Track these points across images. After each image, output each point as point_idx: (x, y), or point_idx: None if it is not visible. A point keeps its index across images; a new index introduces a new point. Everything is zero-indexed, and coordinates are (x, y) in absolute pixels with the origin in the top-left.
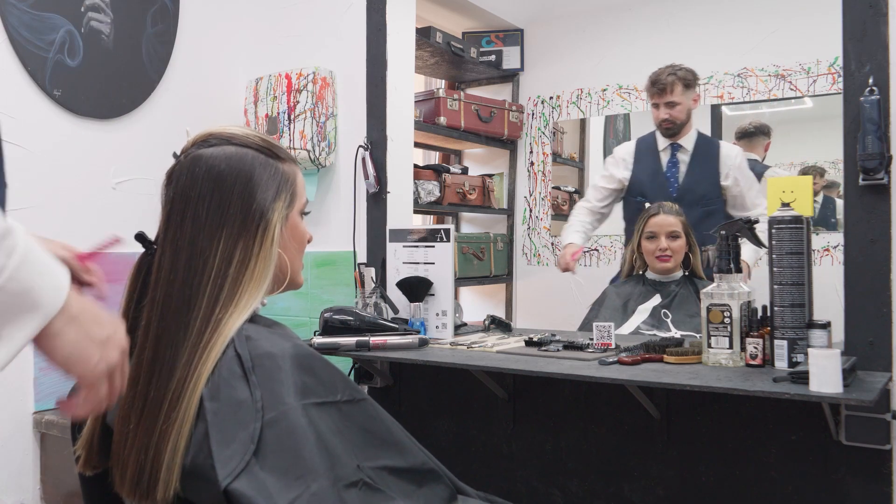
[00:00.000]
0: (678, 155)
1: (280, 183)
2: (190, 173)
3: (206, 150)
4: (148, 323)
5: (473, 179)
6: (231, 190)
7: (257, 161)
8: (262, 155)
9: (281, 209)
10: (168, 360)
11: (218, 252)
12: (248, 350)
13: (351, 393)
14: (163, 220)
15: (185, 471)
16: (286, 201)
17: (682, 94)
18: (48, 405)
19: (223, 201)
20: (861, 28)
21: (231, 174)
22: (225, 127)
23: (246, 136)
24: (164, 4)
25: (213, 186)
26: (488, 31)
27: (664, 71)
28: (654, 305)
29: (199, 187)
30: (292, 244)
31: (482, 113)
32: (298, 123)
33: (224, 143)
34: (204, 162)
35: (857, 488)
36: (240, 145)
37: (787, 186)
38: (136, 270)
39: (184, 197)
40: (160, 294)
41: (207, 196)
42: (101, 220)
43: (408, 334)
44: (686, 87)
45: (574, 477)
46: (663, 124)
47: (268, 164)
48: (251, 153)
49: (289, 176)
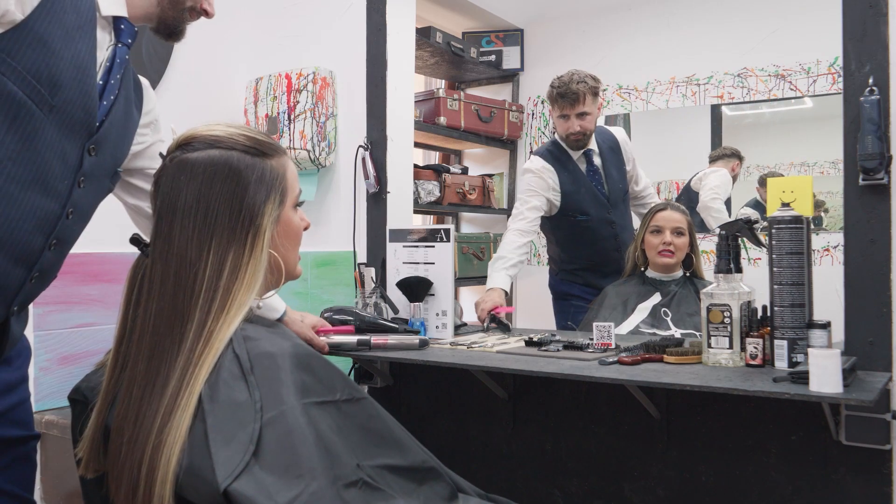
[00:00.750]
0: (594, 160)
1: (269, 183)
2: (174, 182)
3: (191, 154)
4: (141, 335)
5: (473, 179)
6: (218, 198)
7: (243, 163)
8: (247, 156)
9: (271, 211)
10: (162, 374)
11: (208, 263)
12: (247, 350)
13: (350, 392)
14: (153, 229)
15: (184, 472)
16: (276, 201)
17: (592, 104)
18: (48, 405)
19: (210, 211)
20: (861, 28)
21: (217, 181)
22: (209, 127)
23: (230, 136)
24: None
25: (199, 195)
26: (488, 31)
27: (572, 79)
28: (653, 304)
29: (185, 197)
30: (286, 241)
31: (482, 113)
32: (298, 123)
33: (208, 146)
34: (189, 168)
35: (857, 488)
36: (225, 148)
37: (787, 186)
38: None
39: (170, 207)
40: (152, 306)
41: (194, 206)
42: (101, 221)
43: (408, 334)
44: (594, 95)
45: (574, 477)
46: (572, 137)
47: (255, 166)
48: (236, 155)
49: (278, 172)
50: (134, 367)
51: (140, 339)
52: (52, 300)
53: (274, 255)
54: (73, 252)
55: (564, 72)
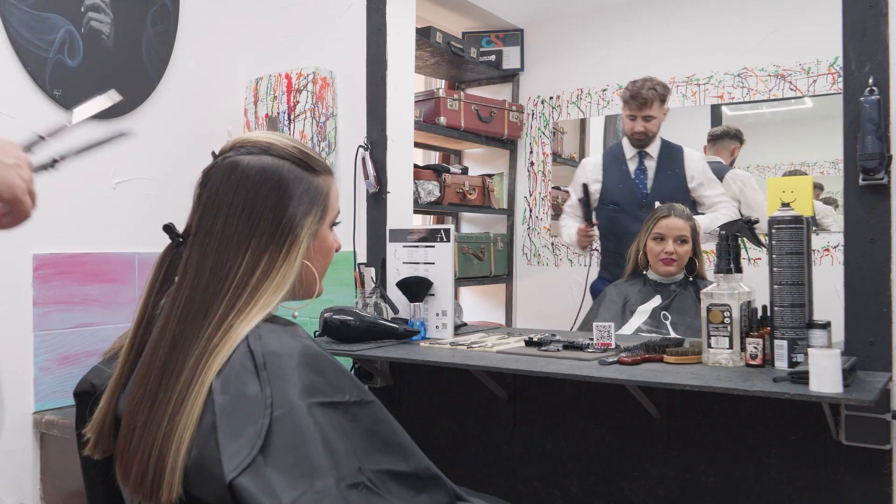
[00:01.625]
0: (645, 162)
1: (313, 198)
2: (225, 180)
3: (244, 157)
4: (167, 322)
5: (473, 179)
6: (264, 203)
7: (292, 174)
8: (297, 168)
9: (311, 224)
10: (180, 362)
11: (244, 262)
12: (261, 346)
13: (359, 394)
14: (194, 221)
15: (191, 463)
16: (317, 216)
17: (659, 109)
18: (48, 405)
19: (255, 213)
20: (861, 28)
21: (265, 186)
22: (265, 135)
23: (284, 146)
24: (164, 4)
25: (247, 197)
26: (488, 31)
27: (644, 85)
28: (653, 307)
29: (233, 196)
30: (319, 255)
31: (482, 113)
32: (298, 123)
33: (262, 152)
34: (240, 170)
35: (857, 488)
36: (277, 156)
37: (787, 186)
38: (161, 260)
39: (217, 203)
40: (183, 296)
41: (240, 206)
42: (101, 221)
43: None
44: (662, 102)
45: (574, 477)
46: (636, 136)
47: (302, 179)
48: (287, 165)
49: (322, 190)
50: (154, 353)
51: (165, 326)
52: (52, 300)
53: (308, 266)
54: (73, 252)
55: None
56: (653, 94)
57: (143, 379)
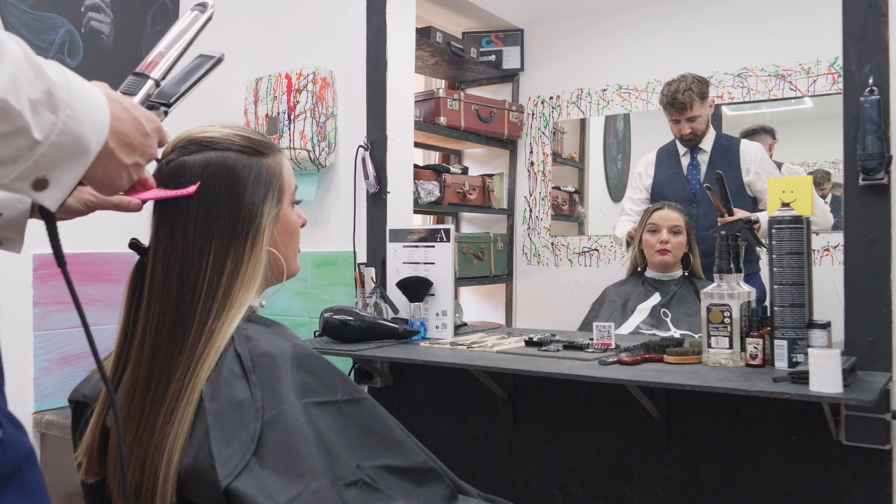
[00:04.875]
0: (698, 157)
1: (266, 182)
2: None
3: (188, 157)
4: (143, 338)
5: (473, 179)
6: (217, 200)
7: (240, 163)
8: (243, 155)
9: (270, 210)
10: (164, 375)
11: (209, 264)
12: (248, 350)
13: (351, 392)
14: (152, 233)
15: (185, 471)
16: (274, 200)
17: (701, 107)
18: (48, 405)
19: (210, 213)
20: (861, 28)
21: (215, 184)
22: (204, 129)
23: (225, 137)
24: (164, 4)
25: (199, 199)
26: (488, 31)
27: (679, 89)
28: (653, 305)
29: (184, 200)
30: (284, 238)
31: (482, 113)
32: (298, 123)
33: (204, 148)
34: (187, 172)
35: (857, 488)
36: (220, 149)
37: (787, 186)
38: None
39: (170, 210)
40: (154, 309)
41: (194, 209)
42: (101, 221)
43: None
44: (702, 99)
45: (574, 477)
46: (685, 138)
47: (251, 165)
48: (232, 155)
49: (274, 171)
50: (135, 370)
51: (142, 341)
52: (52, 300)
53: (274, 253)
54: (73, 252)
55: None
56: (689, 96)
57: (127, 397)
